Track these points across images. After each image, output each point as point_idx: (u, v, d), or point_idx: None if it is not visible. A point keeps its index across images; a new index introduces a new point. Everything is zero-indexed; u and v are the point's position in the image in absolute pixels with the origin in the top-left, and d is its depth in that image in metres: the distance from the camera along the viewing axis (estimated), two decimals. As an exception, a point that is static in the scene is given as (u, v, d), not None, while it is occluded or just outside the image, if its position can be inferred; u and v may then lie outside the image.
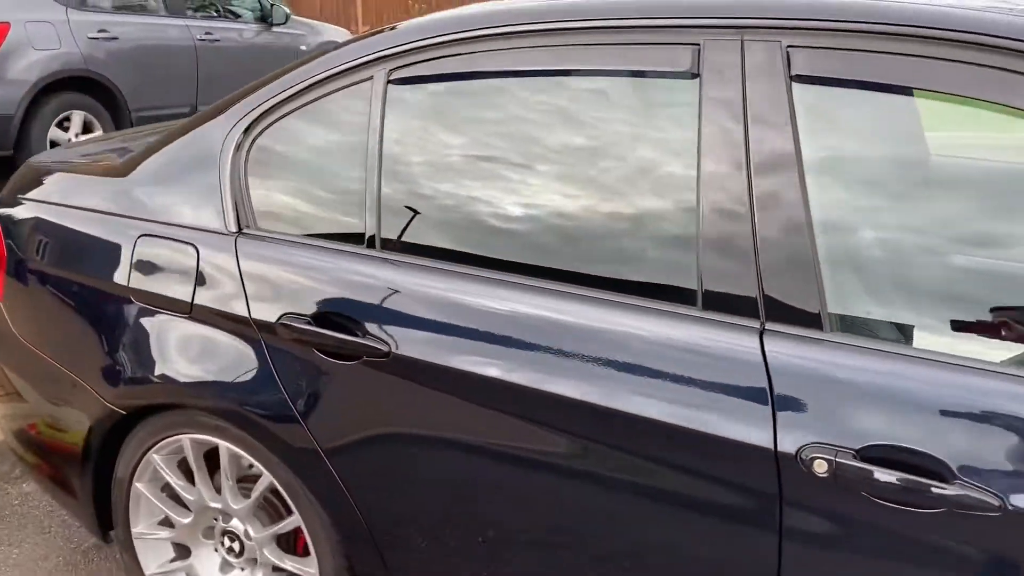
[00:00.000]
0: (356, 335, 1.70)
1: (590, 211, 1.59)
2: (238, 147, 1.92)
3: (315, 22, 8.48)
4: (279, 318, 1.78)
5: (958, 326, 1.39)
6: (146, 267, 1.96)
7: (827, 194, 1.43)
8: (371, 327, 1.69)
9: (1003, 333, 1.37)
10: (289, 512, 1.93)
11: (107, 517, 2.20)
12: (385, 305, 1.69)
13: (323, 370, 1.75)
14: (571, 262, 1.60)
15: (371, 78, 1.80)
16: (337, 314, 1.73)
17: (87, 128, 6.37)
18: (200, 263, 1.89)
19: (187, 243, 1.92)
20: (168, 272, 1.94)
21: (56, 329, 2.15)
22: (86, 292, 2.07)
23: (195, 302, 1.89)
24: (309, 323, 1.75)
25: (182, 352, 1.92)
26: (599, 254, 1.58)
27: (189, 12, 7.04)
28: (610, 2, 1.62)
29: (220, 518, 2.06)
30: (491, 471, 1.62)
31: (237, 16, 7.47)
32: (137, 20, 6.66)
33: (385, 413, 1.70)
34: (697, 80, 1.52)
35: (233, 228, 1.89)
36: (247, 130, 1.92)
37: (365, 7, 12.67)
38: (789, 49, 1.46)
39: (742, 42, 1.50)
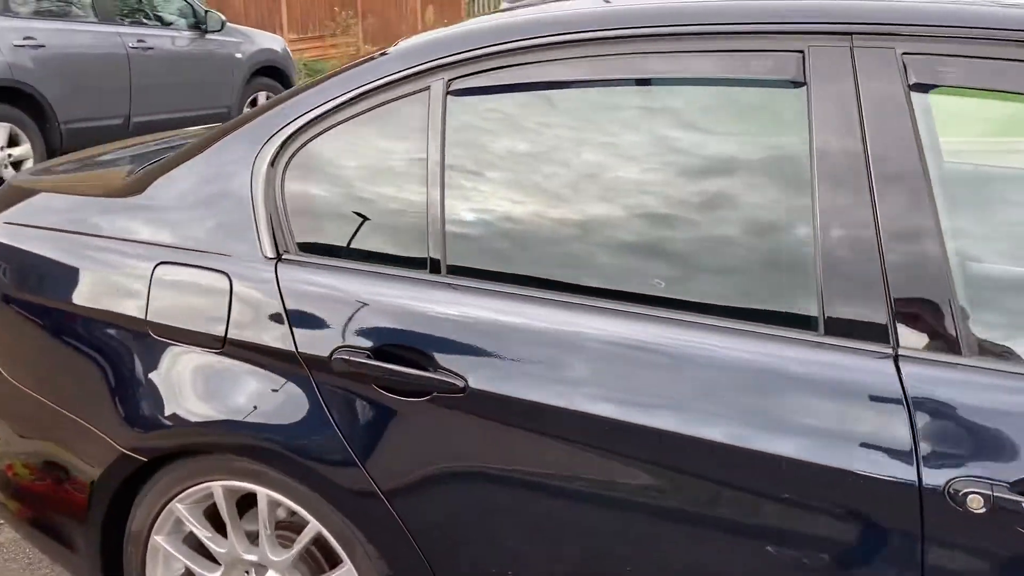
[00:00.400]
0: (426, 369, 1.55)
1: (687, 231, 1.48)
2: (272, 164, 1.75)
3: (249, 29, 8.20)
4: (333, 352, 1.62)
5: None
6: (167, 298, 1.78)
7: (958, 209, 1.36)
8: (442, 360, 1.54)
9: None
10: (334, 563, 1.77)
11: (115, 573, 1.99)
12: (457, 336, 1.55)
13: (385, 407, 1.59)
14: (669, 285, 1.48)
15: (427, 88, 1.65)
16: (401, 347, 1.58)
17: (12, 141, 6.00)
18: (233, 293, 1.71)
19: (216, 271, 1.74)
20: (194, 303, 1.75)
21: (54, 368, 1.93)
22: (92, 327, 1.86)
23: (229, 336, 1.71)
24: (369, 357, 1.59)
25: (214, 391, 1.73)
26: (700, 277, 1.47)
27: (119, 18, 6.70)
28: (702, 6, 1.52)
29: (253, 572, 1.88)
30: (581, 515, 1.49)
31: (168, 23, 7.15)
32: (66, 27, 6.32)
33: (458, 452, 1.55)
34: (803, 89, 1.42)
35: (270, 254, 1.72)
36: (283, 145, 1.75)
37: (290, 14, 12.36)
38: (905, 57, 1.38)
39: (852, 49, 1.41)
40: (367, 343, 1.60)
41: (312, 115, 1.73)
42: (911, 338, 1.33)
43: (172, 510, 1.85)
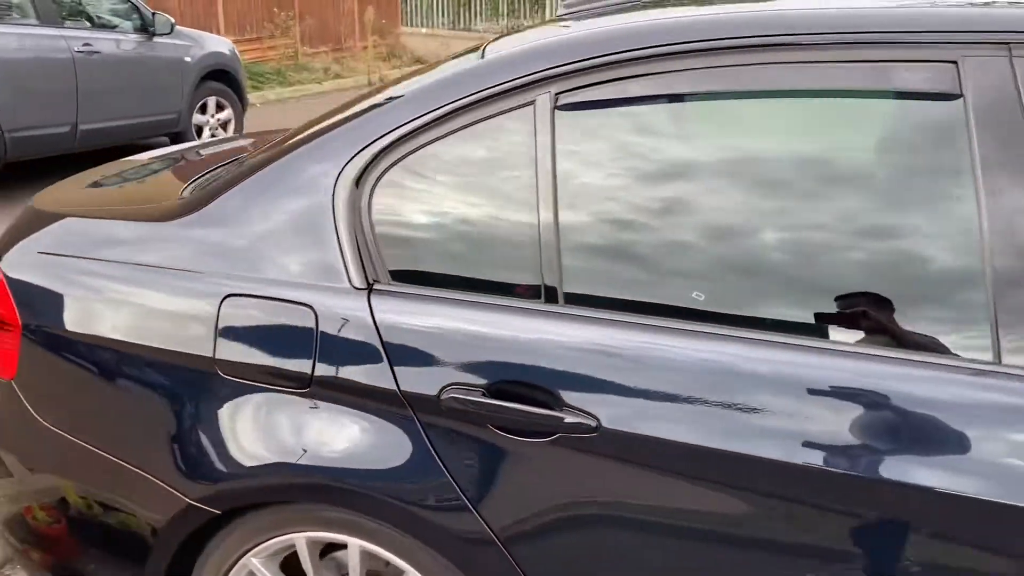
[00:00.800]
0: (552, 408, 1.43)
1: (839, 253, 1.39)
2: (358, 185, 1.60)
3: (196, 31, 7.90)
4: (441, 391, 1.48)
5: None
6: (238, 334, 1.62)
7: None
8: (570, 398, 1.43)
9: None
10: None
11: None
12: (586, 371, 1.43)
13: (503, 449, 1.47)
14: (821, 312, 1.39)
15: (532, 103, 1.53)
16: (522, 384, 1.45)
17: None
18: (319, 327, 1.57)
19: (297, 303, 1.59)
20: (271, 339, 1.60)
21: (102, 412, 1.76)
22: (147, 368, 1.69)
23: (316, 374, 1.56)
24: (484, 395, 1.47)
25: (300, 435, 1.59)
26: (851, 302, 1.38)
27: (62, 20, 6.37)
28: (844, 13, 1.43)
29: (335, 626, 1.73)
30: (730, 565, 1.39)
31: (114, 26, 6.83)
32: (8, 30, 5.97)
33: (588, 494, 1.44)
34: (959, 101, 1.35)
35: (359, 284, 1.57)
36: (369, 164, 1.60)
37: (227, 16, 12.01)
38: None
39: (1011, 59, 1.34)
40: (481, 380, 1.47)
41: (401, 131, 1.59)
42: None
43: (246, 564, 1.69)
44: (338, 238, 1.59)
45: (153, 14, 6.99)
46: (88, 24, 6.63)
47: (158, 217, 1.78)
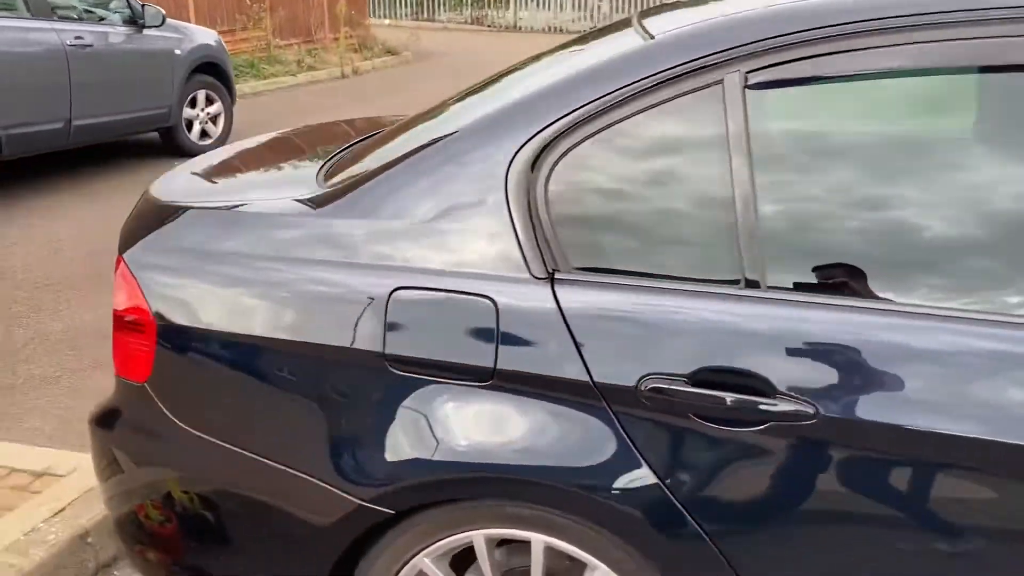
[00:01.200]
0: (764, 395, 1.40)
1: None
2: (533, 170, 1.55)
3: (183, 23, 7.72)
4: (640, 381, 1.44)
5: None
6: (410, 328, 1.56)
7: None
8: (783, 386, 1.39)
9: None
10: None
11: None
12: (799, 358, 1.40)
13: (709, 438, 1.43)
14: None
15: (720, 82, 1.49)
16: (728, 371, 1.42)
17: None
18: (500, 318, 1.52)
19: (474, 295, 1.53)
20: (448, 332, 1.55)
21: (253, 414, 1.69)
22: (306, 365, 1.63)
23: (498, 367, 1.51)
24: (687, 384, 1.43)
25: (483, 430, 1.54)
26: None
27: (53, 13, 6.17)
28: None
29: (506, 625, 1.69)
30: (962, 555, 1.37)
31: (102, 18, 6.64)
32: (2, 24, 5.76)
33: (802, 482, 1.41)
34: None
35: (540, 273, 1.52)
36: (544, 149, 1.55)
37: (198, 7, 11.74)
38: None
39: None
40: (684, 369, 1.43)
41: (578, 115, 1.54)
42: None
43: (417, 565, 1.64)
44: (513, 225, 1.54)
45: (143, 5, 6.79)
46: (77, 16, 6.43)
47: (305, 207, 1.71)
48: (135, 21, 6.76)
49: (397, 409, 1.58)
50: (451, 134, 1.65)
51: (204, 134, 7.48)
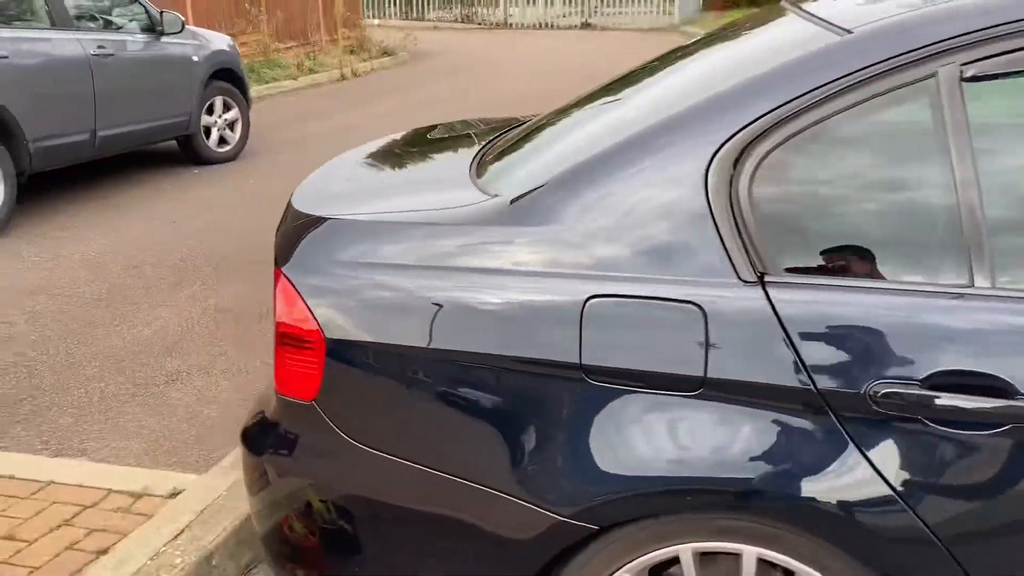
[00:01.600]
0: (1006, 397, 1.36)
1: None
2: (735, 170, 1.50)
3: (200, 29, 7.61)
4: (868, 387, 1.40)
5: None
6: (609, 337, 1.51)
7: None
8: (1022, 386, 1.36)
9: None
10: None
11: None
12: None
13: (944, 442, 1.39)
14: None
15: (933, 76, 1.45)
16: (965, 373, 1.38)
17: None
18: (709, 325, 1.47)
19: (679, 301, 1.48)
20: (651, 341, 1.50)
21: (436, 430, 1.63)
22: (496, 378, 1.57)
23: (708, 375, 1.47)
24: (920, 387, 1.39)
25: (695, 441, 1.49)
26: None
27: (74, 23, 6.06)
28: None
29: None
30: None
31: (120, 26, 6.54)
32: (27, 35, 5.68)
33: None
34: None
35: (748, 276, 1.48)
36: (745, 150, 1.50)
37: (195, 11, 11.60)
38: None
39: None
40: (917, 373, 1.39)
41: (781, 112, 1.49)
42: None
43: (617, 581, 1.59)
44: (716, 227, 1.50)
45: (161, 12, 6.70)
46: (98, 25, 6.33)
47: (478, 215, 1.66)
48: (153, 28, 6.67)
49: (597, 421, 1.53)
50: (637, 134, 1.60)
51: (222, 141, 7.39)
